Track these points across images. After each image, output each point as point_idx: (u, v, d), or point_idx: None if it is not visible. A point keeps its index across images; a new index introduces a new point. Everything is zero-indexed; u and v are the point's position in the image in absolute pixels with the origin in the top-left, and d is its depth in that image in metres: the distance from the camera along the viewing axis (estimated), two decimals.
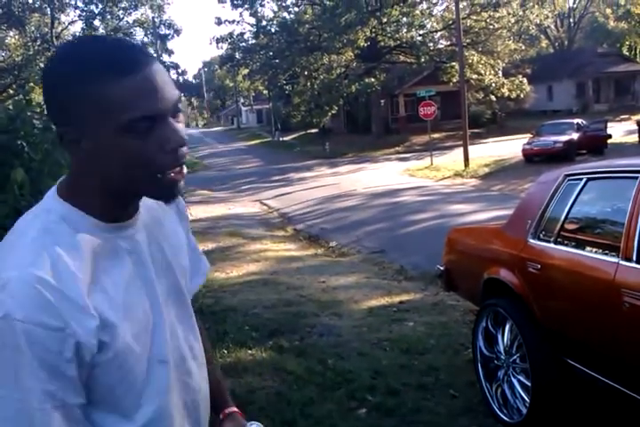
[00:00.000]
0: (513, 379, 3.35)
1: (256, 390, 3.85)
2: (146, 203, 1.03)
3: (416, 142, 31.15)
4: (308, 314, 5.62)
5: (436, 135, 28.52)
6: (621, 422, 3.16)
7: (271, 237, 10.69)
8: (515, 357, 3.34)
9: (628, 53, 48.06)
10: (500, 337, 3.49)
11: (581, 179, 3.07)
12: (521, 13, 31.55)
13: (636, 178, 2.65)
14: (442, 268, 4.36)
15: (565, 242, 3.04)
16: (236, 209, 14.64)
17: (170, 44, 62.99)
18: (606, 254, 2.73)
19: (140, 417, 0.96)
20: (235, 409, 1.27)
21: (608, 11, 52.11)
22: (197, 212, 11.96)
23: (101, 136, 0.88)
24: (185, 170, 0.95)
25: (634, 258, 2.53)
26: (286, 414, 3.47)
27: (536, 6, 32.54)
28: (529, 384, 3.14)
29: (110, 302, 0.92)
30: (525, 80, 31.37)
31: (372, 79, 30.41)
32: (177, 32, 40.96)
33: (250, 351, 4.60)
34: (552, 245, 3.10)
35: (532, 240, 3.25)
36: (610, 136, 20.58)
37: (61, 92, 0.89)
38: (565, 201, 3.10)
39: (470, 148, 21.24)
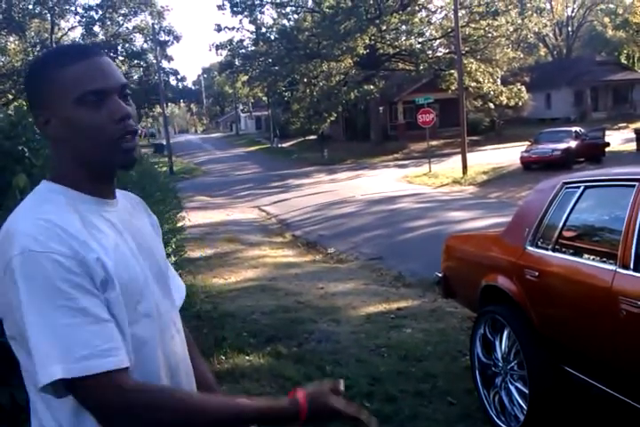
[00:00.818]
0: (510, 386, 3.36)
1: (253, 396, 3.84)
2: (126, 198, 1.26)
3: (414, 149, 31.21)
4: (306, 320, 5.63)
5: (434, 142, 28.60)
6: None
7: (269, 243, 10.69)
8: (512, 364, 3.35)
9: (626, 62, 48.27)
10: (497, 344, 3.50)
11: (579, 187, 3.09)
12: (519, 22, 31.69)
13: (634, 186, 2.67)
14: (440, 275, 4.37)
15: (563, 249, 3.06)
16: (234, 215, 14.65)
17: (169, 51, 63.19)
18: (604, 262, 2.74)
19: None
20: None
21: (606, 19, 52.36)
22: (196, 218, 11.96)
23: (63, 112, 1.08)
24: (137, 140, 1.14)
25: (631, 266, 2.54)
26: None
27: (534, 15, 32.72)
28: (526, 391, 3.14)
29: (105, 256, 1.05)
30: (524, 88, 31.49)
31: (371, 86, 30.49)
32: (177, 38, 41.11)
33: (247, 357, 4.59)
34: (550, 252, 3.11)
35: (529, 248, 3.26)
36: (608, 144, 20.63)
37: (33, 82, 1.12)
38: (563, 209, 3.12)
39: (468, 155, 21.29)
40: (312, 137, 40.00)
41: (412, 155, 30.22)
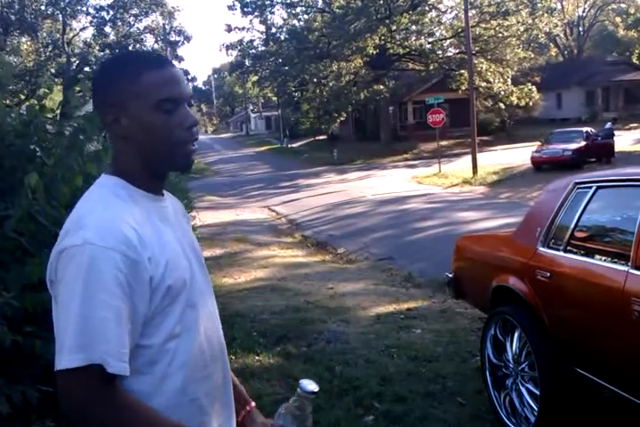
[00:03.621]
0: (521, 387, 3.34)
1: (263, 395, 3.84)
2: (170, 198, 1.32)
3: (424, 150, 31.14)
4: (316, 320, 5.62)
5: (444, 143, 28.51)
6: None
7: (279, 243, 10.69)
8: (523, 365, 3.33)
9: (637, 62, 47.86)
10: (508, 345, 3.48)
11: (591, 187, 3.07)
12: (530, 22, 31.51)
13: None
14: (450, 275, 4.36)
15: (575, 250, 3.04)
16: (244, 215, 14.67)
17: (180, 51, 63.31)
18: (616, 263, 2.72)
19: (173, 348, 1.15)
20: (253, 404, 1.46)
21: (618, 19, 51.96)
22: (206, 217, 11.99)
23: (138, 113, 1.15)
24: (196, 146, 1.23)
25: None
26: None
27: (545, 15, 32.48)
28: (537, 393, 3.12)
29: (161, 250, 1.13)
30: (534, 88, 31.32)
31: (381, 86, 30.46)
32: (187, 39, 41.16)
33: (257, 357, 4.60)
34: (561, 253, 3.09)
35: (541, 248, 3.24)
36: (612, 137, 20.46)
37: (108, 79, 1.19)
38: (575, 209, 3.10)
39: (479, 155, 21.21)
40: (322, 137, 40.02)
41: (422, 155, 30.15)
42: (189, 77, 46.64)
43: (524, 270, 3.30)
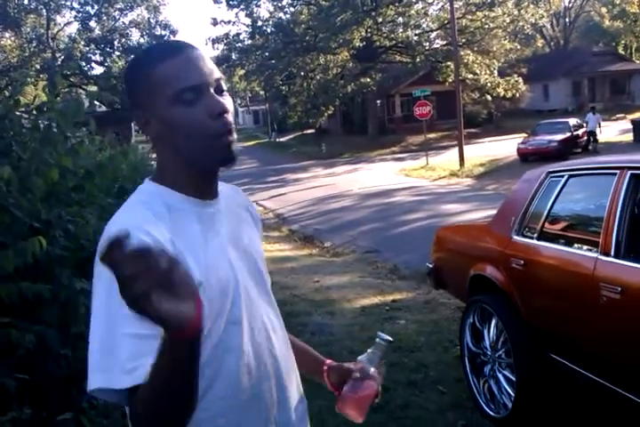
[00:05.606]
0: (499, 374, 3.39)
1: None
2: (227, 194, 1.21)
3: (412, 142, 31.20)
4: (301, 313, 5.66)
5: (431, 135, 28.59)
6: (605, 416, 3.20)
7: (266, 237, 10.71)
8: (500, 352, 3.38)
9: (623, 52, 48.16)
10: (486, 333, 3.53)
11: (563, 176, 3.11)
12: (516, 13, 31.61)
13: (615, 174, 2.69)
14: (431, 265, 4.40)
15: (548, 238, 3.08)
16: None
17: None
18: (586, 250, 2.77)
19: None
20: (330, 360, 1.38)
21: (603, 10, 52.19)
22: None
23: (159, 110, 1.06)
24: (235, 135, 1.10)
25: (612, 253, 2.57)
26: None
27: (531, 6, 32.59)
28: (514, 379, 3.18)
29: (194, 260, 1.03)
30: (521, 79, 31.45)
31: (368, 79, 30.46)
32: (173, 33, 40.95)
33: None
34: (535, 241, 3.14)
35: (515, 237, 3.29)
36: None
37: (129, 82, 1.12)
38: (547, 198, 3.14)
39: (466, 147, 21.29)
40: (310, 131, 39.96)
41: (410, 148, 30.20)
42: None
43: (500, 259, 3.35)
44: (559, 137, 19.66)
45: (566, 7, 53.85)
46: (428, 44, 34.87)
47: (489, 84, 30.67)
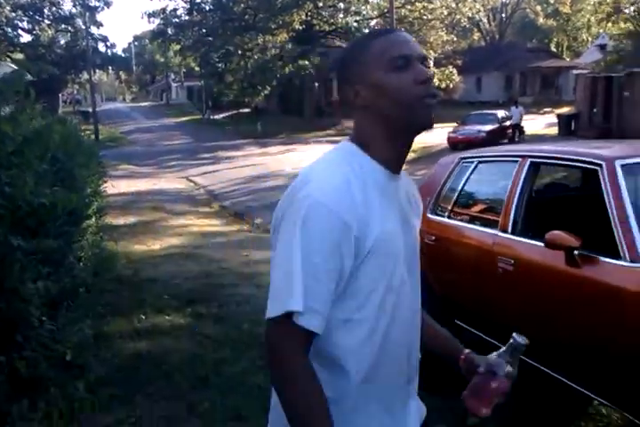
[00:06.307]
0: None
1: (172, 352, 4.04)
2: (404, 177, 1.30)
3: (348, 126, 31.31)
4: (228, 285, 5.81)
5: None
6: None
7: (196, 212, 10.77)
8: None
9: (555, 50, 50.07)
10: None
11: (473, 161, 3.42)
12: (454, 6, 32.30)
13: (517, 162, 3.01)
14: None
15: (456, 216, 3.40)
16: (160, 184, 14.54)
17: (99, 17, 60.40)
18: (488, 227, 3.09)
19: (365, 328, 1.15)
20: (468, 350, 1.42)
21: (538, 8, 53.86)
22: (121, 186, 11.84)
23: (372, 78, 1.19)
24: (436, 102, 1.23)
25: (509, 230, 2.89)
26: (200, 371, 3.69)
27: (468, 0, 33.38)
28: None
29: (378, 226, 1.14)
30: (455, 71, 32.24)
31: (307, 62, 30.48)
32: (107, 4, 39.41)
33: (168, 317, 4.77)
34: (446, 219, 3.45)
35: (430, 215, 3.59)
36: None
37: (346, 58, 1.25)
38: (459, 181, 3.46)
39: None
40: (246, 110, 39.62)
41: (346, 131, 30.43)
42: (108, 44, 44.72)
43: None
44: (487, 127, 20.48)
45: (503, 3, 55.23)
46: (367, 31, 35.12)
47: None
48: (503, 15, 55.78)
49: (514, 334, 1.32)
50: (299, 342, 1.08)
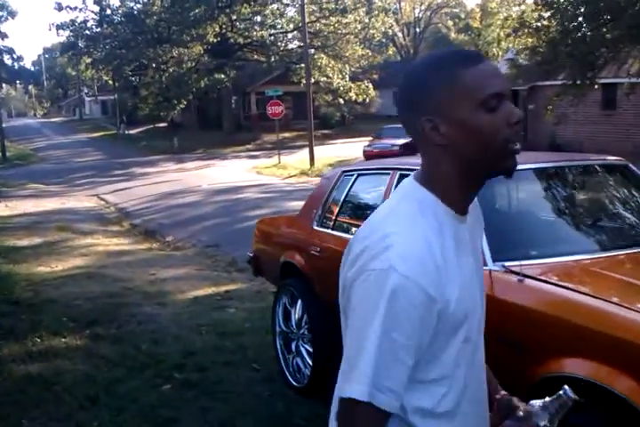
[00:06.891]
0: (302, 348, 3.81)
1: (64, 372, 3.97)
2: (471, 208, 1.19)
3: (267, 141, 31.64)
4: (131, 304, 5.74)
5: (287, 134, 29.23)
6: None
7: (104, 231, 10.52)
8: (303, 329, 3.79)
9: None
10: (293, 313, 3.92)
11: (353, 174, 3.59)
12: (367, 21, 33.11)
13: (389, 174, 3.18)
14: (251, 254, 4.74)
15: (338, 227, 3.53)
16: (69, 203, 14.11)
17: (3, 27, 58.06)
18: None
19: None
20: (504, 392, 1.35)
21: (450, 23, 55.95)
22: (26, 206, 11.46)
23: (460, 114, 1.05)
24: (518, 146, 1.11)
25: None
26: (90, 391, 3.65)
27: (381, 15, 34.31)
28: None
29: (459, 282, 1.07)
30: (371, 85, 32.96)
31: (222, 75, 30.45)
32: (11, 14, 38.18)
33: (64, 340, 4.67)
34: (329, 230, 3.59)
35: (315, 227, 3.72)
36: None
37: (425, 83, 1.08)
38: (340, 193, 3.61)
39: (319, 148, 22.05)
40: (162, 124, 39.04)
41: (265, 146, 30.63)
42: (15, 57, 43.06)
43: (303, 247, 3.76)
44: (401, 141, 21.06)
45: (417, 18, 57.07)
46: (283, 44, 35.49)
47: (341, 88, 31.83)
48: (417, 30, 57.52)
49: (565, 387, 1.20)
50: (377, 422, 1.03)
